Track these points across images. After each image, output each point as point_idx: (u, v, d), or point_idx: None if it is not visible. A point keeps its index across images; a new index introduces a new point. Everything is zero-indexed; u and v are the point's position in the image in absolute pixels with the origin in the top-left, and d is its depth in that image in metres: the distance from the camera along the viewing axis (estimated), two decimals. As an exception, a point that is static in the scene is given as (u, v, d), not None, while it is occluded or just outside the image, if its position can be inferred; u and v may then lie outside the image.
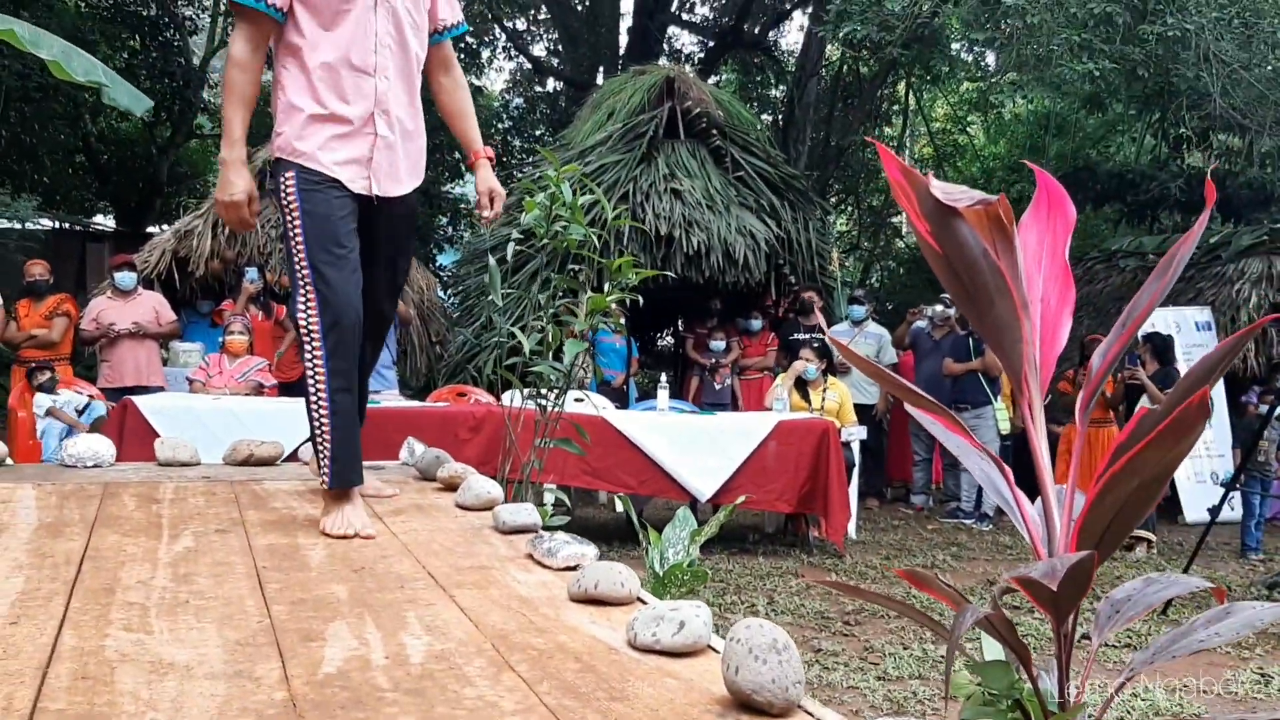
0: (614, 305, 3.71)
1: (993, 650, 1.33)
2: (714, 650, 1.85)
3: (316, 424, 2.72)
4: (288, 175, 2.70)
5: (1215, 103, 8.44)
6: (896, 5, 7.04)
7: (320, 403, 2.70)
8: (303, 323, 2.66)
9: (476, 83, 19.16)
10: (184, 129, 17.00)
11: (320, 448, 2.72)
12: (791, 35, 19.63)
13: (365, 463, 3.80)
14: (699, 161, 9.42)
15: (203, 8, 17.24)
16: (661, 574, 2.70)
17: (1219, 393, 10.20)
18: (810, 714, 1.56)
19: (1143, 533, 7.36)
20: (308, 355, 2.68)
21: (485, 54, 18.88)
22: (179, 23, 16.00)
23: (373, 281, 2.87)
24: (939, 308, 8.27)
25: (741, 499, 3.82)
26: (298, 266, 2.66)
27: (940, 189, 1.25)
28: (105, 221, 18.16)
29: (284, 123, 2.75)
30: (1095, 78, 7.25)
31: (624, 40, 17.50)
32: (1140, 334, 8.59)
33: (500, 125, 19.89)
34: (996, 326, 1.27)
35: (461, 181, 19.23)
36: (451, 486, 3.22)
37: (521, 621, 1.98)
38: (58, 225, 14.98)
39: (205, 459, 5.50)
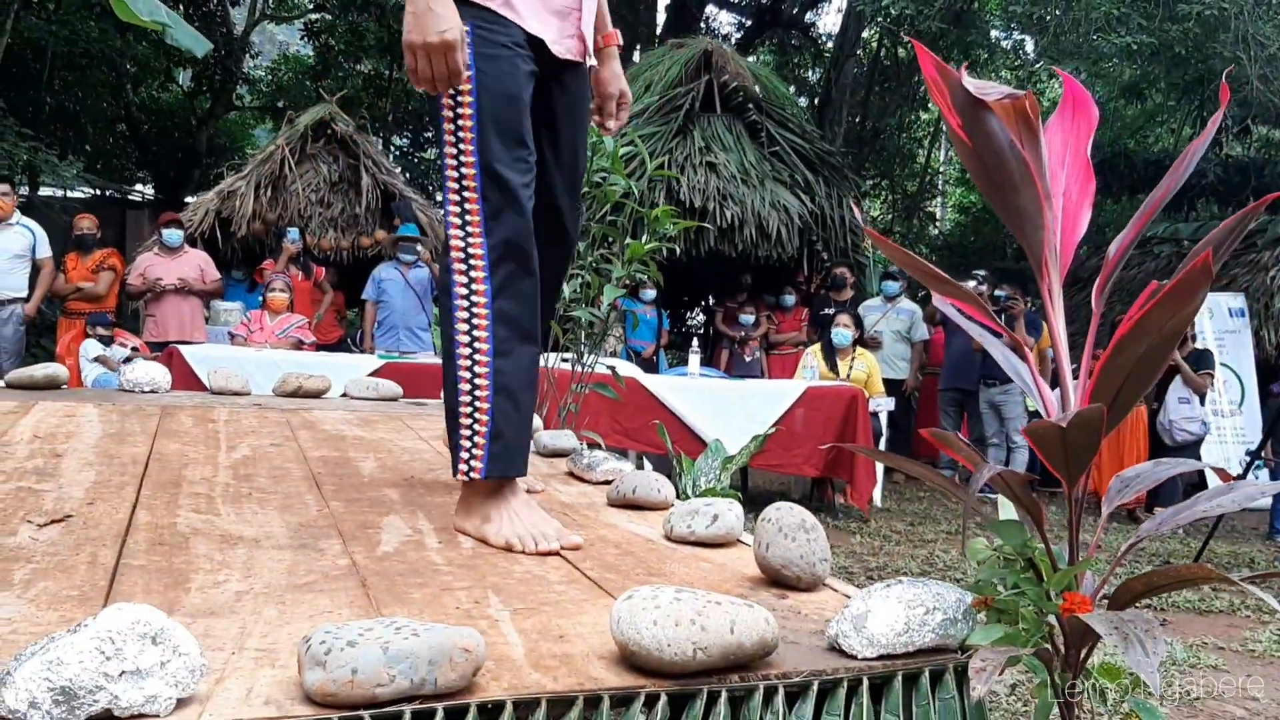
0: (650, 260, 3.81)
1: (1008, 513, 1.43)
2: (745, 544, 1.95)
3: (467, 388, 1.92)
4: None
5: (1253, 87, 8.43)
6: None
7: (475, 359, 1.91)
8: (457, 245, 1.93)
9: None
10: (224, 100, 17.23)
11: (467, 422, 1.93)
12: (830, 16, 19.60)
13: (405, 399, 3.94)
14: (735, 135, 9.48)
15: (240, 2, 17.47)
16: (693, 498, 2.80)
17: (1250, 380, 10.20)
18: (835, 589, 1.66)
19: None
20: (460, 293, 1.92)
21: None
22: (222, -8, 16.21)
23: (550, 188, 2.13)
24: (972, 284, 8.31)
25: (772, 429, 3.90)
26: (459, 163, 1.91)
27: (972, 83, 1.34)
28: (145, 190, 18.44)
29: None
30: (1133, 52, 7.26)
31: (661, 18, 17.55)
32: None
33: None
34: (1020, 214, 1.36)
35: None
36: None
37: (564, 520, 2.08)
38: (99, 192, 15.23)
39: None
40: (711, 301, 11.06)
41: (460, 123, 1.90)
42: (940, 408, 8.56)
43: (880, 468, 6.61)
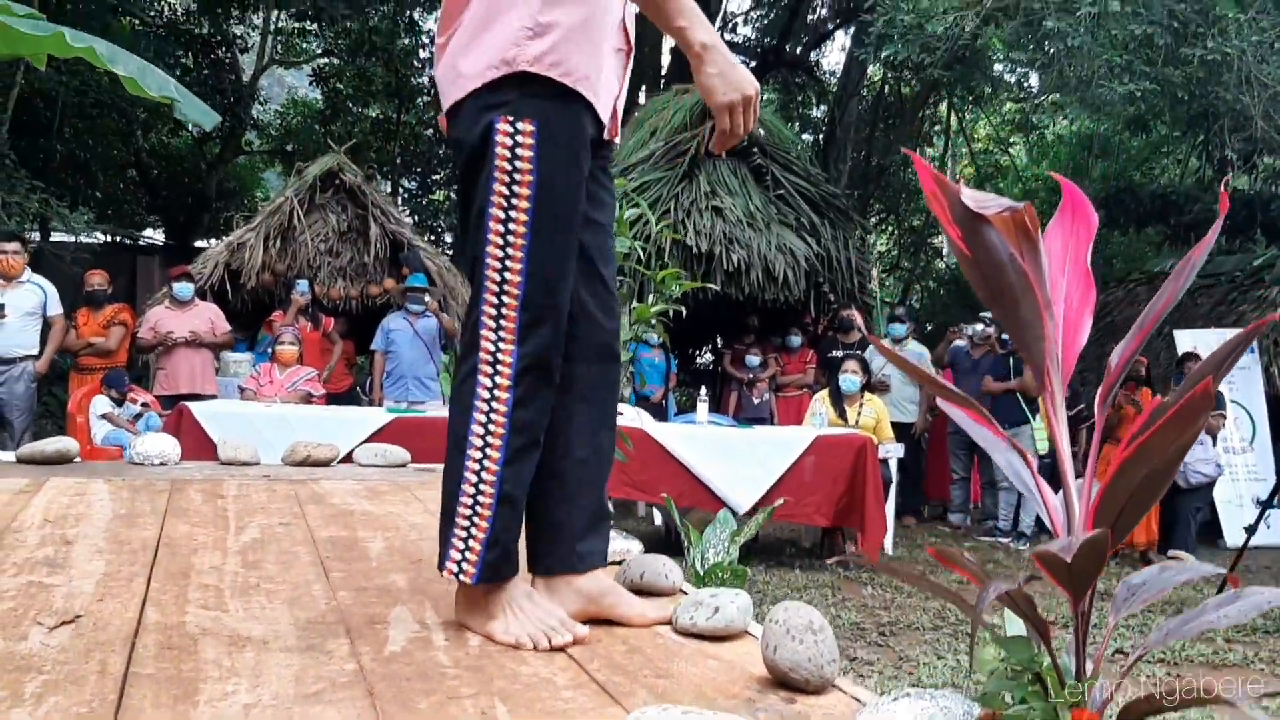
0: (655, 320, 3.82)
1: (1015, 628, 1.43)
2: (752, 636, 1.95)
3: (471, 490, 1.84)
4: (522, 118, 1.76)
5: (1256, 125, 8.45)
6: (939, 27, 7.13)
7: (484, 464, 1.83)
8: (487, 348, 1.81)
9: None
10: (233, 145, 17.41)
11: (464, 523, 1.85)
12: (833, 55, 19.74)
13: (414, 465, 3.94)
14: (740, 179, 9.54)
15: (253, 26, 17.67)
16: (702, 573, 2.80)
17: (1261, 417, 10.15)
18: (844, 691, 1.66)
19: (1180, 554, 7.35)
20: (482, 396, 1.82)
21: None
22: (230, 41, 16.39)
23: (590, 280, 1.96)
24: (979, 327, 8.33)
25: (780, 502, 3.90)
26: (503, 266, 1.78)
27: (971, 197, 1.35)
28: (155, 235, 18.58)
29: (521, 8, 1.77)
30: (1136, 99, 7.31)
31: (665, 60, 17.69)
32: (1181, 353, 8.59)
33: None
34: (1021, 324, 1.37)
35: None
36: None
37: (571, 608, 2.07)
38: (110, 239, 15.36)
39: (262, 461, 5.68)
40: (719, 343, 11.06)
41: (512, 225, 1.77)
42: (950, 450, 8.56)
43: (891, 515, 6.59)
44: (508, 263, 1.77)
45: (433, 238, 18.00)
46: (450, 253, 16.77)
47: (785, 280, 8.93)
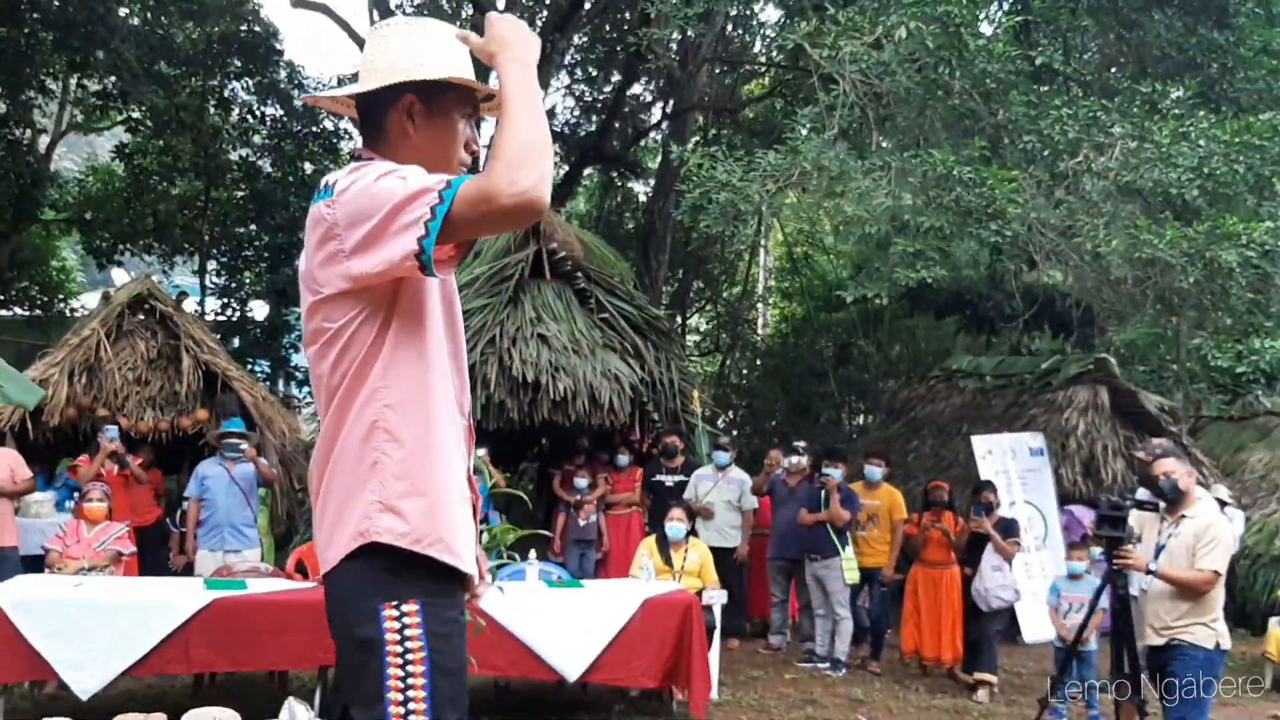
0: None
1: None
2: None
3: None
4: (406, 602, 1.92)
5: (1043, 253, 9.13)
6: (749, 206, 7.48)
7: None
8: None
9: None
10: (26, 218, 16.62)
11: None
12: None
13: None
14: (565, 303, 9.69)
15: (52, 96, 16.91)
16: None
17: (1052, 516, 10.87)
18: None
19: (985, 675, 7.81)
20: None
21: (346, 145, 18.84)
22: (30, 122, 15.68)
23: None
24: (794, 459, 8.69)
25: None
26: None
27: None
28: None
29: (392, 475, 1.96)
30: (928, 283, 7.90)
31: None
32: (978, 483, 9.16)
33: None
34: None
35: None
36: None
37: None
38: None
39: (76, 657, 5.50)
40: (547, 466, 11.13)
41: (411, 696, 1.89)
42: (770, 575, 8.89)
43: (716, 664, 6.80)
44: None
45: (249, 363, 17.59)
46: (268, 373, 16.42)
47: (611, 406, 9.10)
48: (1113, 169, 7.10)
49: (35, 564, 7.47)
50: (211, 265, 17.93)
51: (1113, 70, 9.41)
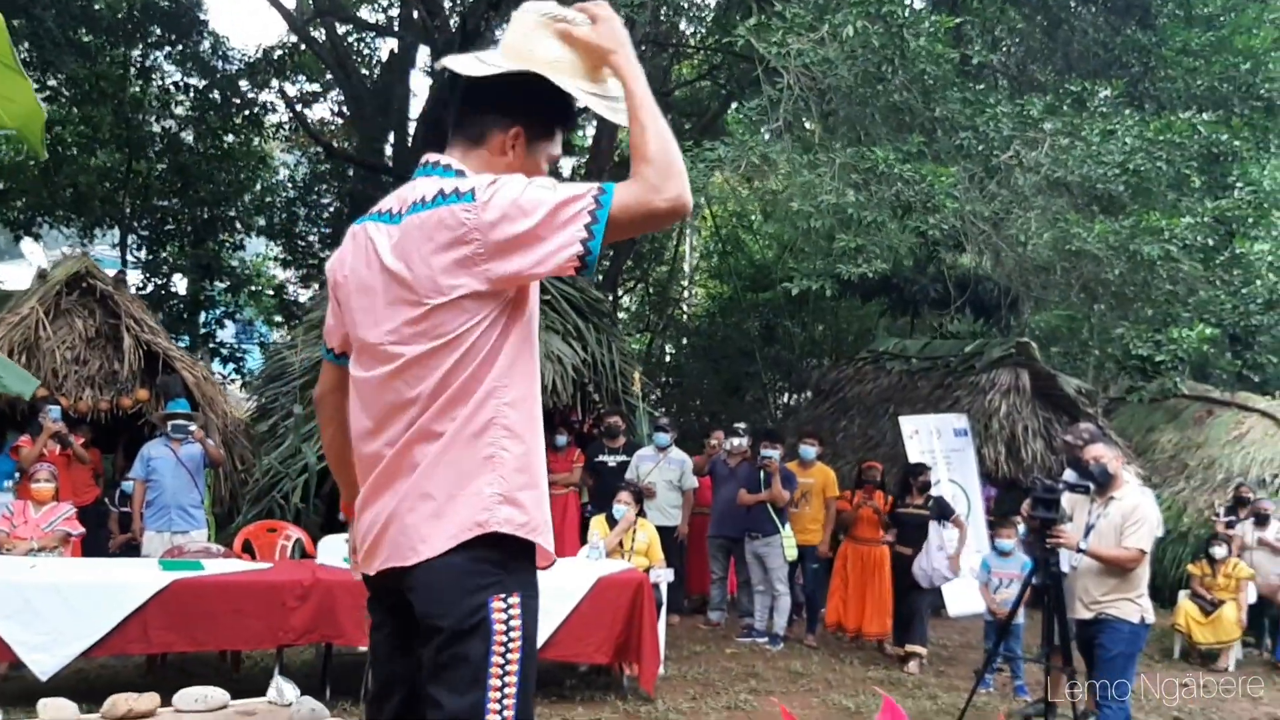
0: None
1: None
2: None
3: None
4: (512, 594, 2.06)
5: (972, 240, 9.49)
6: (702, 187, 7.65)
7: None
8: None
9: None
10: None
11: None
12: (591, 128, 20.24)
13: (235, 702, 3.99)
14: (507, 284, 9.77)
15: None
16: None
17: (975, 494, 11.32)
18: None
19: (915, 647, 8.17)
20: None
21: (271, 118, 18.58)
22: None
23: None
24: (735, 440, 8.94)
25: None
26: (500, 708, 2.04)
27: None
28: None
29: (512, 468, 2.10)
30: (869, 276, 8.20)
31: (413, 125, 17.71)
32: (911, 463, 9.52)
33: (285, 194, 19.70)
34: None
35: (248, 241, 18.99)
36: (332, 748, 3.47)
37: None
38: None
39: (35, 639, 5.51)
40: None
41: (505, 692, 2.01)
42: (710, 553, 9.14)
43: (663, 643, 7.02)
44: (504, 712, 2.01)
45: (205, 338, 17.33)
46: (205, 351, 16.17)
47: (554, 387, 9.24)
48: (1044, 164, 7.43)
49: (-25, 546, 7.41)
50: (132, 239, 17.55)
51: (1040, 65, 9.77)
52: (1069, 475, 6.35)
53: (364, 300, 2.15)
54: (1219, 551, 9.02)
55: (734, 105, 16.91)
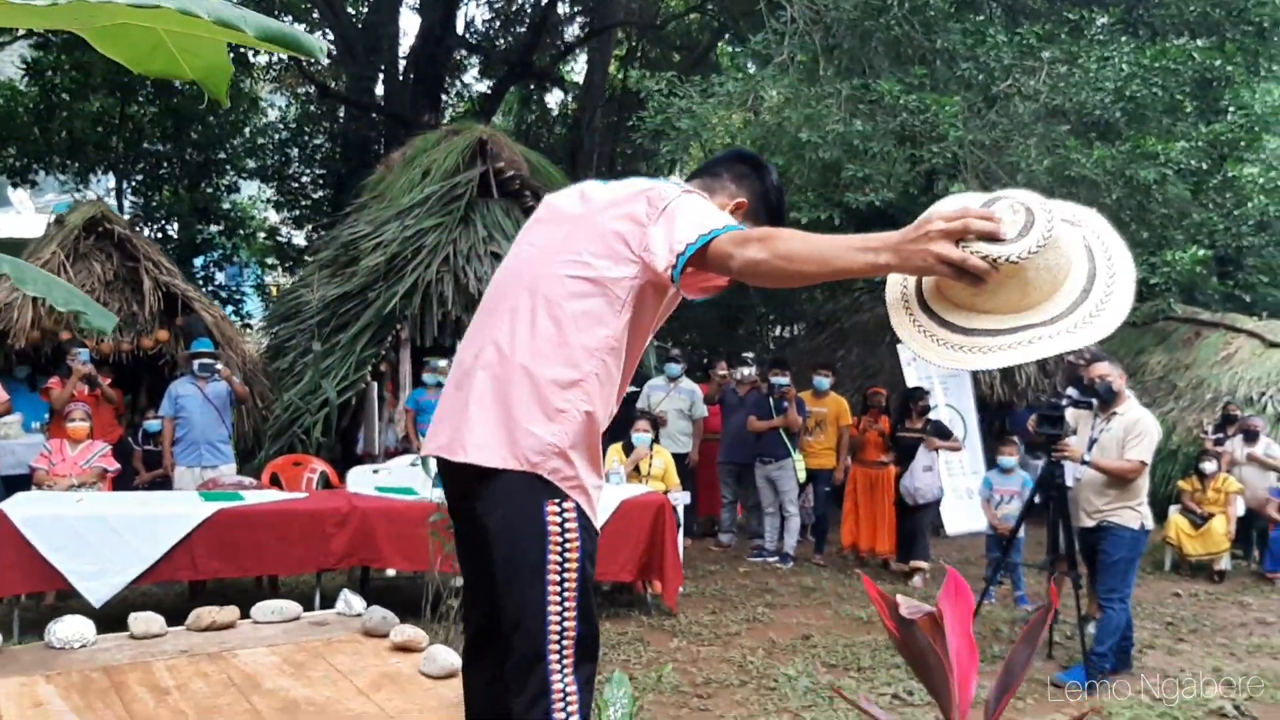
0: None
1: None
2: None
3: None
4: (566, 505, 2.19)
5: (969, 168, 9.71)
6: (713, 136, 7.84)
7: None
8: (557, 686, 2.17)
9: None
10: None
11: None
12: (578, 63, 20.26)
13: (307, 614, 4.28)
14: (514, 221, 9.94)
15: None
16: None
17: (970, 417, 11.67)
18: None
19: (919, 563, 8.53)
20: None
21: (260, 59, 18.57)
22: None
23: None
24: (745, 370, 9.21)
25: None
26: (561, 617, 2.18)
27: (905, 605, 1.98)
28: None
29: (575, 429, 2.21)
30: (876, 205, 8.41)
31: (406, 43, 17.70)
32: (909, 386, 9.82)
33: (277, 136, 19.71)
34: (935, 683, 2.01)
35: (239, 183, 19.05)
36: (406, 649, 3.76)
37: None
38: None
39: (87, 568, 5.76)
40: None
41: (565, 587, 2.16)
42: (720, 478, 9.46)
43: (682, 561, 7.35)
44: (565, 618, 2.17)
45: (204, 281, 17.41)
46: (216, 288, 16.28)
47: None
48: (1042, 92, 7.62)
49: (10, 485, 7.67)
50: (127, 185, 17.61)
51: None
52: (1071, 392, 6.67)
53: None
54: (1209, 467, 9.35)
55: (726, 36, 17.00)
